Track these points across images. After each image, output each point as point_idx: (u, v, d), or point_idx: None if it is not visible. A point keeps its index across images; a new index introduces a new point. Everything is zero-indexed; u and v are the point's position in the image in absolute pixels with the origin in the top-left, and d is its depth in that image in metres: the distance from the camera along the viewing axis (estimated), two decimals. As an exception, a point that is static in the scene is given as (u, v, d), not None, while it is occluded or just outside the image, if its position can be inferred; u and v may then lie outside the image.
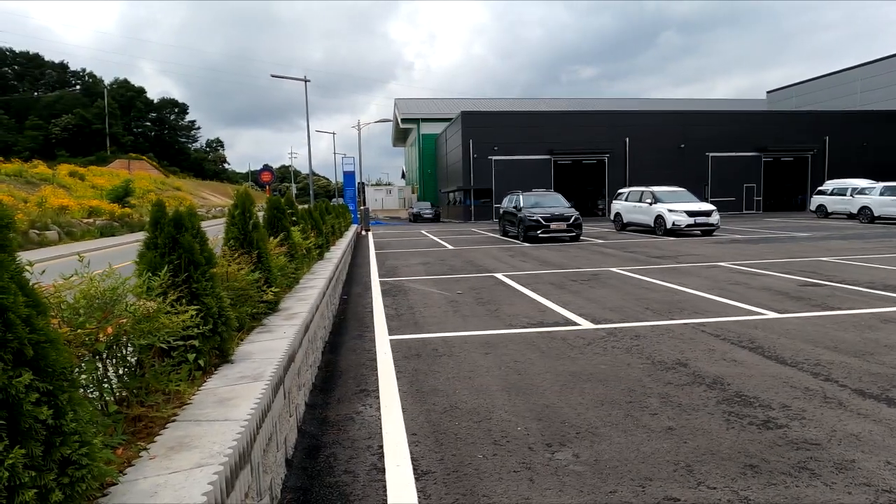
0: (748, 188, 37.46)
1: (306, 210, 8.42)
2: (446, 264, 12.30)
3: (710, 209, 18.86)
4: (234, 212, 4.10)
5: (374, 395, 4.14)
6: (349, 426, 3.58)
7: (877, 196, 23.48)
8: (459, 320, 6.58)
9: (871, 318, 6.14)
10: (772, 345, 5.19)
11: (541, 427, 3.46)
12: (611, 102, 56.19)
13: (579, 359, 4.89)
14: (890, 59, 39.72)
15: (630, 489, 2.70)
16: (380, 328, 6.31)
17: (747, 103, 53.01)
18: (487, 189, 35.49)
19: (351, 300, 8.28)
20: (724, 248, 14.45)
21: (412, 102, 59.07)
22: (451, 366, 4.78)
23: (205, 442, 1.86)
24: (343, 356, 5.26)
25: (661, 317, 6.49)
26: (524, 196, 19.48)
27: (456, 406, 3.86)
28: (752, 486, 2.70)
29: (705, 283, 8.82)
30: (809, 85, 46.44)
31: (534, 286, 8.86)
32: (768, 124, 38.21)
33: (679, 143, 36.33)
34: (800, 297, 7.48)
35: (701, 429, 3.38)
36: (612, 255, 13.43)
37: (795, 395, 3.92)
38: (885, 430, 3.29)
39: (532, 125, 35.97)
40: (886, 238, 16.08)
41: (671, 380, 4.28)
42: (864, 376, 4.26)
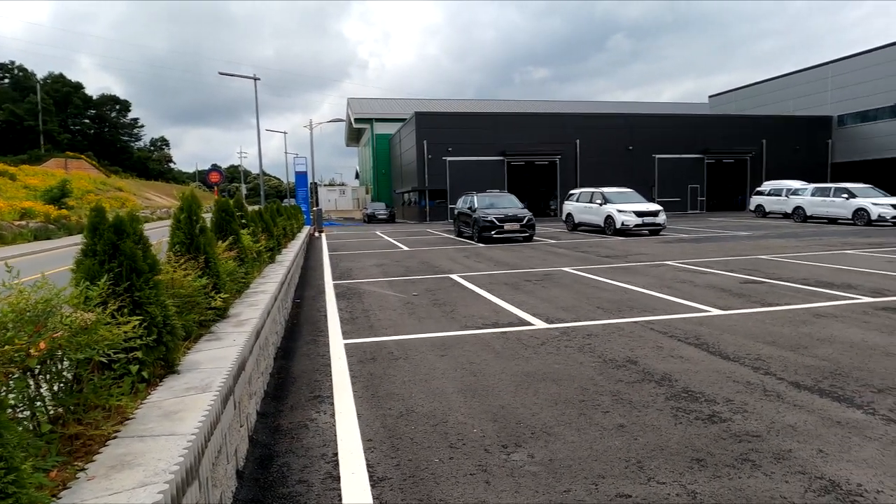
0: (692, 189, 38.93)
1: (256, 212, 8.21)
2: (402, 266, 12.25)
3: (657, 209, 19.49)
4: (180, 215, 3.95)
5: (329, 401, 4.07)
6: (303, 434, 3.51)
7: (808, 197, 24.83)
8: (415, 322, 6.56)
9: (805, 314, 6.48)
10: (716, 341, 5.40)
11: (496, 428, 3.48)
12: (562, 105, 57.32)
13: (533, 359, 4.95)
14: (820, 68, 42.09)
15: (584, 487, 2.75)
16: (334, 332, 6.22)
17: (692, 107, 55.11)
18: (442, 190, 35.56)
19: (304, 304, 8.13)
20: (670, 247, 14.97)
21: (365, 102, 58.59)
22: (407, 369, 4.75)
23: (149, 459, 1.78)
24: (296, 362, 5.16)
25: (611, 315, 6.66)
26: (478, 197, 19.62)
27: (412, 410, 3.84)
28: (699, 480, 2.79)
29: (653, 281, 9.10)
30: (749, 90, 48.66)
31: (489, 287, 8.93)
32: (711, 128, 39.81)
33: (627, 145, 37.40)
34: (741, 293, 7.82)
35: (651, 425, 3.48)
36: (565, 254, 13.69)
37: (738, 389, 4.09)
38: (818, 420, 3.47)
39: (485, 126, 36.27)
40: (817, 236, 17.03)
41: (622, 377, 4.40)
42: (800, 369, 4.49)
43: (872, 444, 3.13)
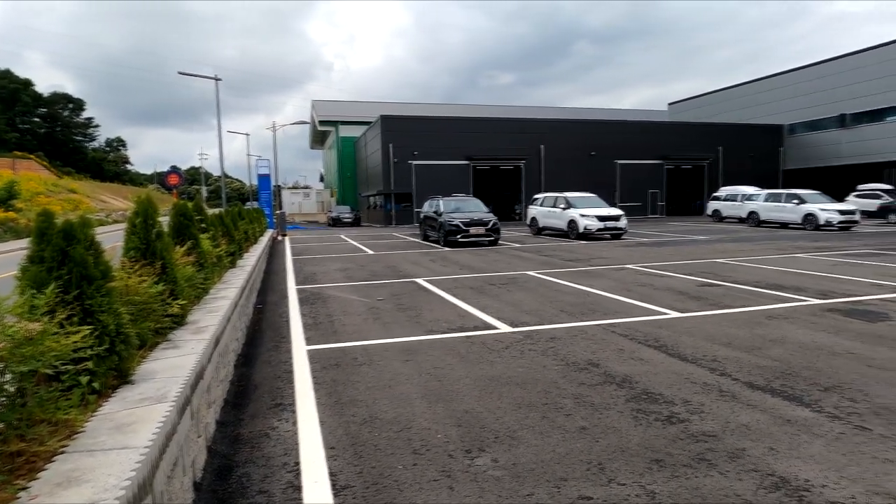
0: (653, 194, 39.92)
1: (217, 215, 8.02)
2: (366, 270, 12.16)
3: (619, 214, 19.91)
4: (135, 220, 3.83)
5: (291, 409, 4.01)
6: (264, 443, 3.44)
7: (762, 202, 25.77)
8: (380, 328, 6.52)
9: (758, 315, 6.71)
10: (675, 343, 5.54)
11: (461, 433, 3.48)
12: (528, 110, 57.99)
13: (498, 363, 4.98)
14: (772, 79, 43.82)
15: (546, 491, 2.78)
16: (297, 338, 6.13)
17: (652, 114, 56.50)
18: (408, 193, 35.49)
19: (266, 309, 7.98)
20: (631, 251, 15.30)
21: (330, 104, 58.03)
22: (371, 375, 4.72)
23: (98, 475, 1.71)
24: (258, 369, 5.06)
25: (574, 318, 6.75)
26: (444, 201, 19.66)
27: (376, 416, 3.81)
28: (658, 480, 2.86)
29: (615, 284, 9.28)
30: (706, 98, 50.25)
31: (454, 291, 8.94)
32: (670, 134, 40.93)
33: (590, 150, 38.10)
34: (699, 296, 8.04)
35: (612, 427, 3.55)
36: (529, 258, 13.84)
37: (695, 390, 4.20)
38: (770, 419, 3.60)
39: (452, 130, 36.39)
40: (771, 240, 17.68)
41: (584, 380, 4.46)
42: (754, 370, 4.64)
43: (819, 441, 3.26)
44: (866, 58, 36.74)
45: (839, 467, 2.95)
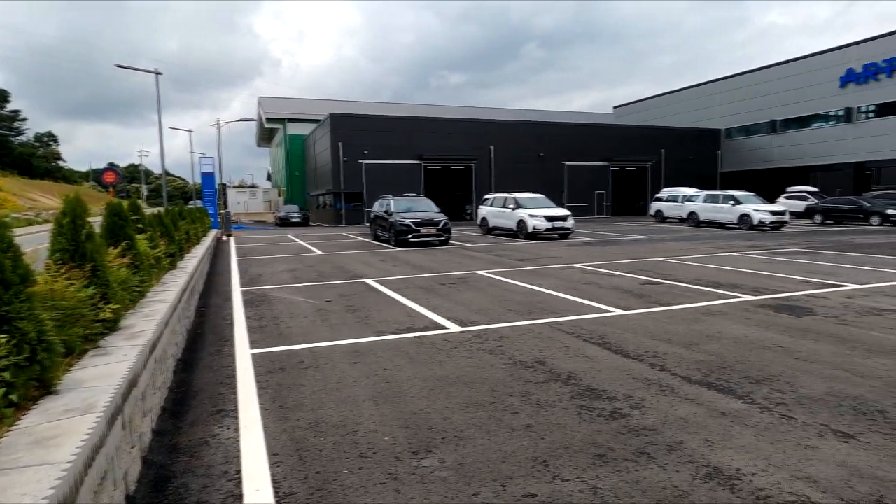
0: (599, 194, 41.02)
1: (155, 215, 7.69)
2: (315, 271, 11.95)
3: (566, 214, 20.35)
4: (63, 220, 3.62)
5: (233, 416, 3.88)
6: (203, 451, 3.32)
7: (701, 203, 26.91)
8: (327, 329, 6.41)
9: (696, 312, 6.99)
10: (618, 340, 5.70)
11: (408, 435, 3.46)
12: (478, 111, 58.43)
13: (447, 363, 4.99)
14: (709, 84, 45.84)
15: (492, 490, 2.80)
16: (241, 342, 5.95)
17: (598, 117, 58.04)
18: (358, 193, 35.13)
19: (209, 312, 7.72)
20: (578, 250, 15.66)
21: (278, 101, 56.72)
22: (318, 378, 4.63)
23: (11, 495, 1.60)
24: (198, 374, 4.87)
25: (522, 317, 6.85)
26: (395, 201, 19.57)
27: (322, 420, 3.74)
28: (600, 475, 2.92)
29: (562, 283, 9.47)
30: (649, 102, 52.06)
31: (404, 291, 8.90)
32: (615, 137, 42.16)
33: (539, 151, 38.77)
34: (641, 294, 8.31)
35: (557, 424, 3.61)
36: (479, 258, 13.94)
37: (637, 385, 4.33)
38: (706, 412, 3.75)
39: (402, 130, 36.26)
40: (709, 240, 18.48)
41: (531, 378, 4.52)
42: (691, 364, 4.83)
43: (750, 431, 3.42)
44: (793, 68, 38.97)
45: (767, 455, 3.10)
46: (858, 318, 6.44)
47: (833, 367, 4.66)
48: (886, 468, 2.95)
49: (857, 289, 8.46)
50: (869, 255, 13.15)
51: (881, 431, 3.40)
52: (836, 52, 36.40)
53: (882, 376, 4.42)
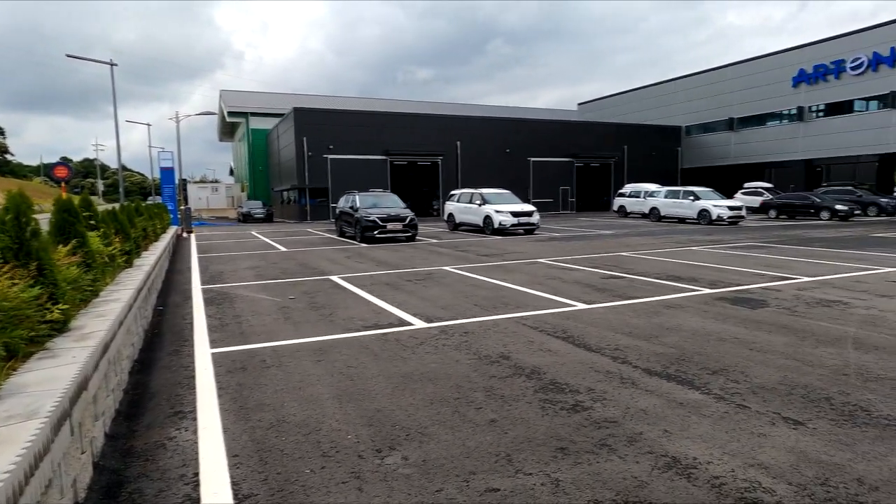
0: (563, 190, 41.54)
1: (109, 211, 7.42)
2: (278, 268, 11.75)
3: (532, 210, 20.55)
4: (5, 217, 3.45)
5: (191, 417, 3.78)
6: (159, 455, 3.22)
7: (662, 199, 27.56)
8: (290, 328, 6.31)
9: (657, 305, 7.15)
10: (581, 333, 5.78)
11: (371, 433, 3.44)
12: (445, 107, 58.39)
13: (411, 359, 4.97)
14: (670, 83, 46.89)
15: (455, 485, 2.80)
16: (200, 341, 5.80)
17: (564, 113, 58.70)
18: (324, 188, 34.69)
19: (168, 311, 7.50)
20: (543, 245, 15.83)
21: (240, 95, 55.47)
22: (280, 377, 4.55)
23: (-55, 506, 1.51)
24: (156, 375, 4.73)
25: (488, 312, 6.88)
26: (361, 196, 19.41)
27: (283, 420, 3.67)
28: (562, 468, 2.96)
29: (527, 278, 9.55)
30: (612, 100, 52.93)
31: (370, 288, 8.84)
32: (580, 133, 42.72)
33: (505, 148, 38.99)
34: (604, 288, 8.45)
35: (520, 418, 3.63)
36: (446, 254, 13.95)
37: (599, 378, 4.40)
38: (665, 403, 3.84)
39: (368, 125, 35.94)
40: (670, 234, 18.93)
41: (495, 373, 4.55)
42: (651, 357, 4.93)
43: (706, 421, 3.52)
44: (749, 67, 40.19)
45: (722, 444, 3.19)
46: (809, 310, 6.69)
47: (785, 357, 4.83)
48: (831, 452, 3.07)
49: (807, 281, 8.79)
50: (819, 248, 13.68)
51: (827, 418, 3.54)
52: (789, 53, 37.69)
53: (829, 365, 4.60)
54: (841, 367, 4.53)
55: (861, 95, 34.24)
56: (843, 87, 34.76)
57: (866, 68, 33.36)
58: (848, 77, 34.36)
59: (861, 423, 3.45)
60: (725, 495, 2.66)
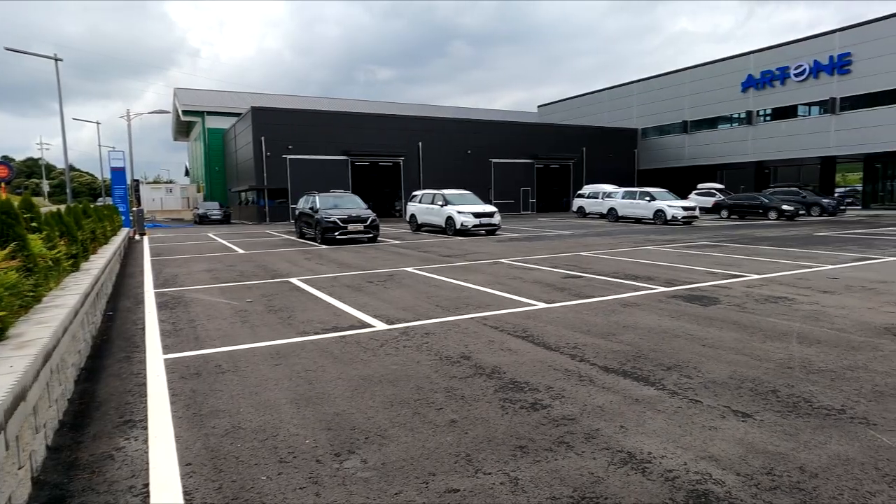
0: (524, 191, 42.00)
1: (54, 213, 7.09)
2: (235, 270, 11.47)
3: (493, 211, 20.69)
4: (-64, 218, 3.25)
5: (142, 426, 3.65)
6: (107, 466, 3.09)
7: (620, 199, 28.19)
8: (248, 331, 6.17)
9: (614, 304, 7.30)
10: (540, 332, 5.85)
11: (330, 437, 3.39)
12: (406, 107, 58.25)
13: (372, 361, 4.93)
14: (626, 86, 48.04)
15: (415, 487, 2.78)
16: (153, 347, 5.60)
17: (524, 115, 59.38)
18: (283, 189, 34.08)
19: (118, 317, 7.23)
20: (505, 246, 15.97)
21: (195, 93, 53.96)
22: (236, 382, 4.44)
23: None
24: (104, 383, 4.55)
25: (449, 313, 6.88)
26: (321, 197, 19.15)
27: (239, 426, 3.58)
28: (521, 466, 2.98)
29: (489, 279, 9.61)
30: (570, 102, 53.85)
31: (330, 290, 8.72)
32: (540, 135, 43.28)
33: (466, 149, 39.16)
34: (563, 287, 8.58)
35: (480, 418, 3.65)
36: (408, 255, 13.91)
37: (557, 376, 4.46)
38: (621, 400, 3.92)
39: (329, 125, 35.50)
40: (627, 234, 19.38)
41: (456, 373, 4.55)
42: (609, 354, 5.03)
43: (661, 416, 3.61)
44: (701, 72, 41.54)
45: (675, 438, 3.28)
46: (757, 306, 6.96)
47: (735, 353, 5.00)
48: (777, 443, 3.20)
49: (756, 279, 9.14)
50: (766, 247, 14.25)
51: (773, 410, 3.69)
52: (737, 58, 39.13)
53: (776, 359, 4.79)
54: (786, 361, 4.73)
55: (804, 101, 35.85)
56: (788, 92, 36.32)
57: (808, 75, 34.95)
58: (792, 83, 35.92)
59: (804, 414, 3.61)
60: (678, 488, 2.73)
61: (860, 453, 3.06)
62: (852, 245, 14.29)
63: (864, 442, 3.20)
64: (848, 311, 6.57)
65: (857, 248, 13.41)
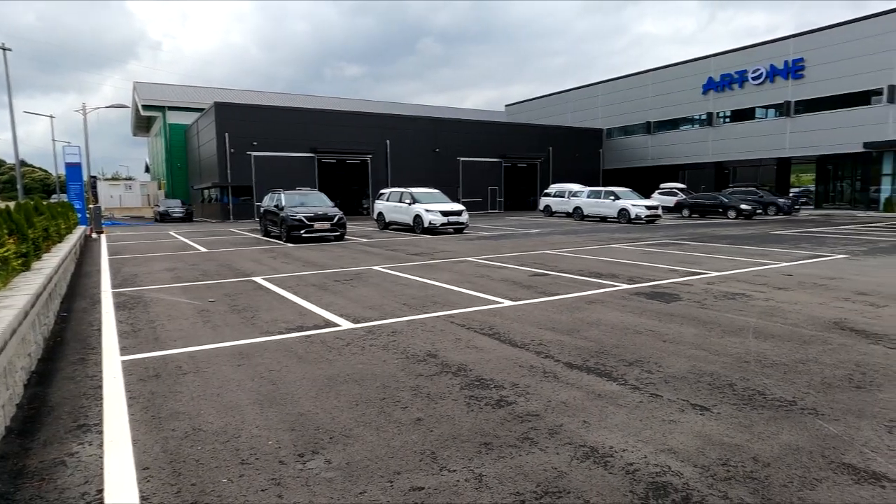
0: (492, 190, 42.27)
1: (2, 210, 6.79)
2: (198, 269, 11.21)
3: (461, 209, 20.76)
4: None
5: (97, 430, 3.53)
6: (58, 473, 2.98)
7: (585, 198, 28.63)
8: (210, 332, 6.03)
9: (579, 301, 7.41)
10: (507, 330, 5.89)
11: (293, 437, 3.34)
12: (375, 105, 57.87)
13: (337, 361, 4.88)
14: (592, 87, 48.80)
15: (379, 486, 2.77)
16: (109, 348, 5.43)
17: (492, 114, 59.71)
18: (247, 186, 33.48)
19: (73, 318, 6.98)
20: (472, 244, 16.03)
21: (157, 87, 52.51)
22: (197, 384, 4.34)
23: None
24: (56, 387, 4.38)
25: (417, 311, 6.87)
26: (286, 195, 18.88)
27: (200, 428, 3.50)
28: (486, 463, 3.00)
29: (456, 277, 9.64)
30: (538, 102, 54.41)
31: (295, 289, 8.61)
32: (507, 134, 43.62)
33: (435, 147, 39.19)
34: (530, 285, 8.66)
35: (446, 415, 3.65)
36: (375, 253, 13.83)
37: (523, 373, 4.50)
38: (584, 395, 3.98)
39: (295, 121, 35.01)
40: (593, 233, 19.70)
41: (422, 371, 4.55)
42: (573, 350, 5.11)
43: (623, 411, 3.68)
44: (665, 74, 42.52)
45: (636, 432, 3.35)
46: (716, 302, 7.17)
47: (694, 348, 5.14)
48: (732, 434, 3.30)
49: (716, 276, 9.41)
50: (726, 245, 14.69)
51: (730, 402, 3.81)
52: (699, 61, 40.19)
53: (733, 353, 4.95)
54: (743, 355, 4.88)
55: (761, 104, 37.07)
56: (746, 95, 37.50)
57: (765, 79, 36.14)
58: (750, 86, 37.10)
59: (758, 406, 3.73)
60: (638, 481, 2.79)
61: (808, 442, 3.19)
62: (805, 243, 14.86)
63: (812, 431, 3.33)
64: (800, 307, 6.83)
65: (810, 246, 13.95)
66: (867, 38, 31.54)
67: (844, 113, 32.75)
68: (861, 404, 3.75)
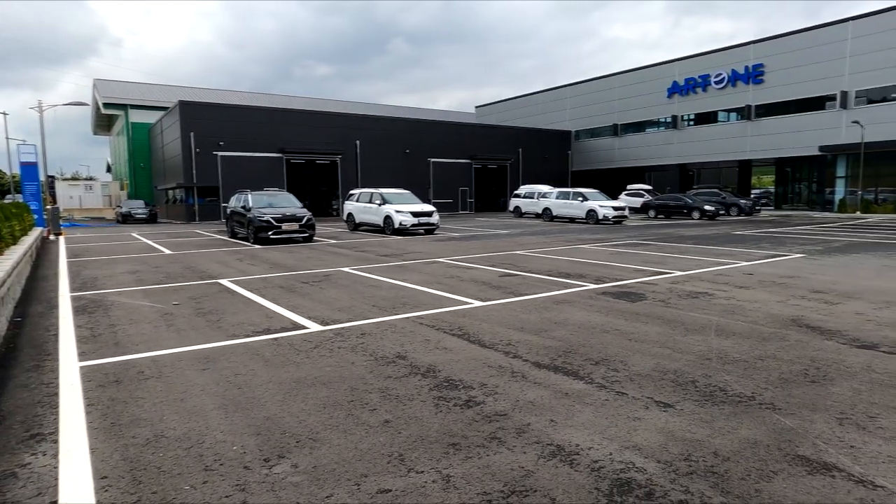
0: (462, 191, 42.41)
1: (-48, 211, 6.52)
2: (162, 272, 10.94)
3: (431, 210, 20.76)
4: None
5: (52, 439, 3.41)
6: (9, 486, 2.87)
7: (554, 200, 28.97)
8: (173, 335, 5.90)
9: (547, 301, 7.49)
10: (476, 330, 5.92)
11: (259, 442, 3.29)
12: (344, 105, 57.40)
13: (305, 363, 4.83)
14: (560, 89, 49.43)
15: (346, 490, 2.75)
16: (67, 354, 5.25)
17: (462, 115, 59.89)
18: (214, 187, 32.82)
19: (27, 323, 6.73)
20: (443, 245, 16.05)
21: (118, 85, 51.00)
22: (160, 389, 4.23)
23: None
24: (8, 395, 4.22)
25: (386, 313, 6.85)
26: (254, 195, 18.59)
27: (162, 435, 3.42)
28: (454, 464, 3.01)
29: (426, 278, 9.63)
30: (509, 103, 54.83)
31: (262, 291, 8.48)
32: (478, 136, 43.83)
33: (405, 148, 39.10)
34: (499, 286, 8.72)
35: (414, 417, 3.65)
36: (345, 254, 13.72)
37: (491, 373, 4.52)
38: (552, 394, 4.03)
39: (263, 121, 34.49)
40: (562, 234, 19.94)
41: (391, 373, 4.53)
42: (541, 350, 5.16)
43: (589, 409, 3.74)
44: (631, 77, 43.37)
45: (602, 430, 3.41)
46: (680, 301, 7.33)
47: (659, 346, 5.25)
48: (694, 430, 3.38)
49: (680, 275, 9.63)
50: (690, 245, 15.05)
51: (692, 399, 3.90)
52: (664, 65, 41.12)
53: (695, 351, 5.07)
54: (705, 353, 5.01)
55: (723, 108, 38.15)
56: (709, 99, 38.53)
57: (727, 83, 37.20)
58: (713, 90, 38.12)
59: (719, 402, 3.84)
60: (603, 478, 2.83)
61: (766, 436, 3.29)
62: (765, 243, 15.33)
63: (769, 426, 3.44)
64: (760, 305, 7.04)
65: (770, 246, 14.41)
66: (822, 45, 32.80)
67: (801, 117, 33.96)
68: (815, 398, 3.89)
